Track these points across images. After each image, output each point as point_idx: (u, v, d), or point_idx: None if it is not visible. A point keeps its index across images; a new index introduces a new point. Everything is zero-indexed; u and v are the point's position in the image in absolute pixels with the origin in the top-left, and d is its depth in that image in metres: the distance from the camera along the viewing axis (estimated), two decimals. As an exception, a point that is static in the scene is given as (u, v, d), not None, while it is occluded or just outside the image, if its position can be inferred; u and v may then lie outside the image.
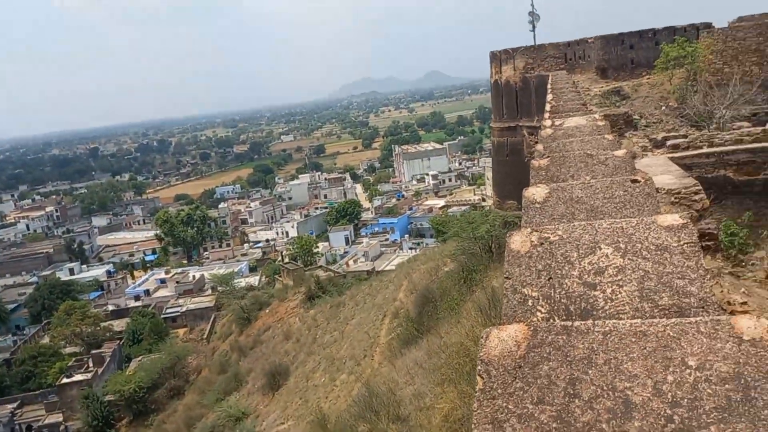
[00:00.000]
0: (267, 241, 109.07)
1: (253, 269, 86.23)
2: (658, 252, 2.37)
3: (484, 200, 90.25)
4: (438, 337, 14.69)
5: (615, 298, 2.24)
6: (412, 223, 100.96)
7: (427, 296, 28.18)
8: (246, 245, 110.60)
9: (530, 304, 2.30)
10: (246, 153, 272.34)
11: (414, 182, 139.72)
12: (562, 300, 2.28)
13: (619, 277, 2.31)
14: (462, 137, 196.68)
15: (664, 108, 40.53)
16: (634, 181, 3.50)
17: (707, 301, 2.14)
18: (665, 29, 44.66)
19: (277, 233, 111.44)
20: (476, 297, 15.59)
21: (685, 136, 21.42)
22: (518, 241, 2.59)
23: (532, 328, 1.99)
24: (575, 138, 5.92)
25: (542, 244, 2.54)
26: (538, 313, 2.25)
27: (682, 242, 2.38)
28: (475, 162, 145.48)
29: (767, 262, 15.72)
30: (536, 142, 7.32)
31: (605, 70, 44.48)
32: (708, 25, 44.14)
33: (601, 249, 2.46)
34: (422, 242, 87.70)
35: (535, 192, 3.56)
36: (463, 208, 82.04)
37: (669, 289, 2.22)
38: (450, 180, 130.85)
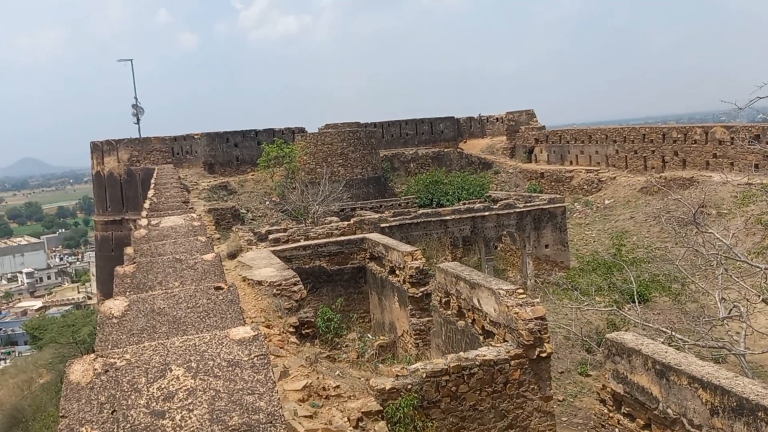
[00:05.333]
0: None
1: None
2: (230, 368, 2.34)
3: (90, 298, 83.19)
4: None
5: (185, 425, 2.11)
6: (1, 329, 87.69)
7: (16, 416, 24.23)
8: None
9: (88, 446, 2.02)
10: None
11: (4, 282, 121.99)
12: (126, 436, 2.06)
13: (190, 401, 2.20)
14: (63, 230, 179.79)
15: (267, 203, 43.51)
16: (218, 288, 3.49)
17: (275, 415, 2.15)
18: (265, 131, 48.61)
19: None
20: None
21: (285, 230, 23.16)
22: (79, 370, 2.29)
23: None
24: (169, 239, 5.78)
25: (107, 371, 2.29)
26: (97, 457, 1.98)
27: (252, 356, 2.39)
28: (80, 257, 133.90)
29: (358, 343, 17.63)
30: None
31: (212, 165, 46.06)
32: (302, 130, 49.55)
33: (172, 371, 2.32)
34: (14, 351, 76.76)
35: (113, 305, 3.28)
36: (66, 308, 74.31)
37: (239, 408, 2.18)
38: (49, 278, 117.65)
